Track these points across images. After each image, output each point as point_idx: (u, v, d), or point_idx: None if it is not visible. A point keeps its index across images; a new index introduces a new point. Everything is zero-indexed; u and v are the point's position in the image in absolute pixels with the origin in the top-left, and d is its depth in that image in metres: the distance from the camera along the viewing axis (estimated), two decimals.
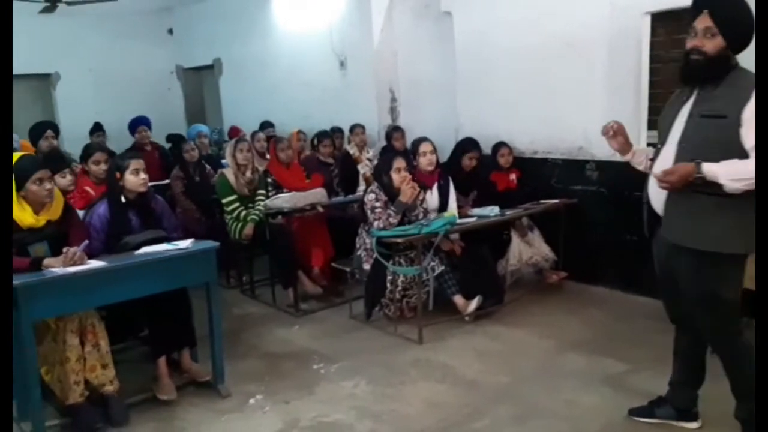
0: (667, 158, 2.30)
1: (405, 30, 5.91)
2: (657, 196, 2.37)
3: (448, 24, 5.29)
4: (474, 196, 4.65)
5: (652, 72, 4.26)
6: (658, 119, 2.51)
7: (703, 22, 2.17)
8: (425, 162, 4.20)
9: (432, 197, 4.22)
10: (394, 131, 5.45)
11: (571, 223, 4.43)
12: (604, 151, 4.37)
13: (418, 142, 4.29)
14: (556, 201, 4.47)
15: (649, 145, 4.23)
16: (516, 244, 4.38)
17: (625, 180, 4.25)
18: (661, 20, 4.18)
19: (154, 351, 3.19)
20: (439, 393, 3.13)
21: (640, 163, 2.63)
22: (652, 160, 2.46)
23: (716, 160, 2.13)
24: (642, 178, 2.49)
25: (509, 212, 4.22)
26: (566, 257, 4.48)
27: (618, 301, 4.30)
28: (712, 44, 2.16)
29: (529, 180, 4.73)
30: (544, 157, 4.77)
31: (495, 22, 4.90)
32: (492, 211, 4.12)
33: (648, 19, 4.05)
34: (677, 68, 2.36)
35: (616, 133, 2.57)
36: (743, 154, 2.11)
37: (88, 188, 3.85)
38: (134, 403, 3.05)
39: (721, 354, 2.42)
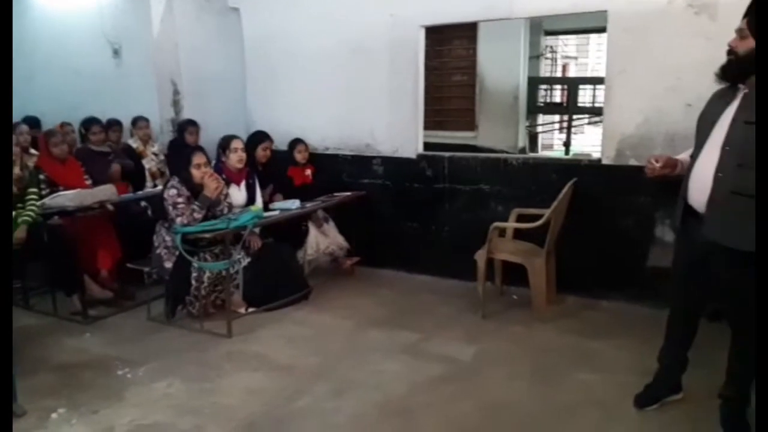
0: (710, 161, 2.34)
1: (187, 21, 5.76)
2: (698, 196, 2.41)
3: (236, 20, 5.30)
4: (270, 190, 4.79)
5: None
6: (697, 120, 2.50)
7: (740, 24, 2.28)
8: (236, 158, 4.22)
9: (240, 194, 4.27)
10: (188, 125, 5.28)
11: (361, 213, 4.84)
12: (387, 147, 4.88)
13: (229, 139, 4.28)
14: (348, 194, 4.84)
15: (425, 144, 4.84)
16: (313, 235, 4.64)
17: (405, 174, 4.83)
18: (427, 33, 4.75)
19: None
20: (256, 381, 3.24)
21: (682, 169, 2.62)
22: (692, 157, 2.50)
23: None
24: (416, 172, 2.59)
25: (308, 205, 4.47)
26: (358, 244, 4.88)
27: (403, 280, 4.85)
28: (744, 45, 2.27)
29: (322, 175, 5.01)
30: (336, 153, 5.10)
31: (285, 23, 5.06)
32: (294, 204, 4.33)
33: (423, 32, 4.59)
34: (437, 75, 2.52)
35: (664, 165, 2.60)
36: None
37: None
38: None
39: (741, 338, 2.49)
